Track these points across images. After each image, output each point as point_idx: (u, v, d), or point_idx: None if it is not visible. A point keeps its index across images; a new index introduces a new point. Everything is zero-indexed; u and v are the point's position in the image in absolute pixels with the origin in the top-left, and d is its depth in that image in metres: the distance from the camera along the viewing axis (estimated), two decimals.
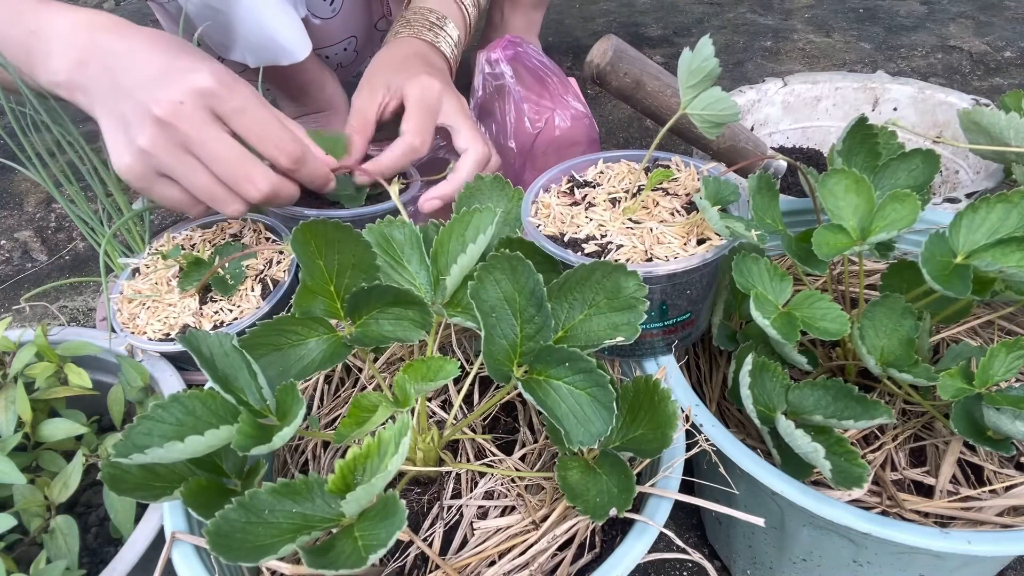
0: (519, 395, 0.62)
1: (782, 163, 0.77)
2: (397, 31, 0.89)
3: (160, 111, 0.56)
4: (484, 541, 0.50)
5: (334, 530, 0.40)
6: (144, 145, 0.57)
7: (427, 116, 0.76)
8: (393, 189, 0.61)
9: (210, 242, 0.77)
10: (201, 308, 0.70)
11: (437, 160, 0.84)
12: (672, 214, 0.57)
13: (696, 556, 0.46)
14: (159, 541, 0.53)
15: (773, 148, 0.99)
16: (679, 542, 0.47)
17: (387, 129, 0.79)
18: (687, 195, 0.59)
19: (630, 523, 0.46)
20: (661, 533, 0.45)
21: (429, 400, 0.63)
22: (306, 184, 0.67)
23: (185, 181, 0.59)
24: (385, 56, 0.84)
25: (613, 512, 0.43)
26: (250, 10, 0.86)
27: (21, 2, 0.63)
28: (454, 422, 0.57)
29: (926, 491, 0.56)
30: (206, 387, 0.43)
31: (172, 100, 0.56)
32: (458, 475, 0.55)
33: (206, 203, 0.62)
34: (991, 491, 0.55)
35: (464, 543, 0.51)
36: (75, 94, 0.62)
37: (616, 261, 0.50)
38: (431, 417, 0.62)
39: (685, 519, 0.75)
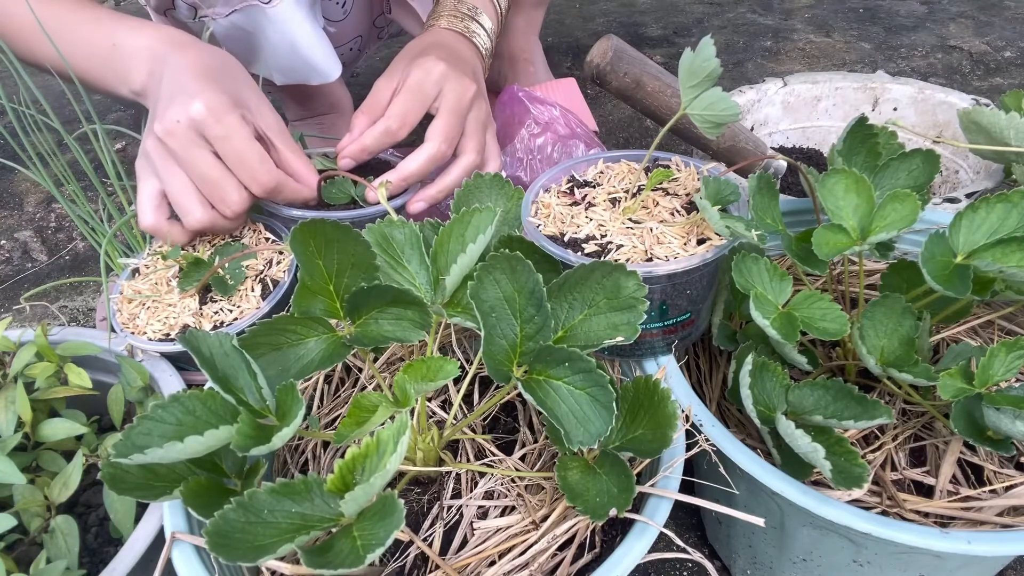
0: (519, 395, 0.62)
1: (782, 163, 0.77)
2: (429, 22, 0.88)
3: (159, 127, 0.64)
4: (484, 541, 0.50)
5: (333, 530, 0.40)
6: (147, 148, 0.67)
7: (415, 98, 0.74)
8: (381, 192, 0.61)
9: (210, 242, 0.77)
10: (201, 308, 0.70)
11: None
12: (672, 214, 0.57)
13: (696, 556, 0.46)
14: (159, 541, 0.52)
15: (773, 148, 0.99)
16: (679, 542, 0.47)
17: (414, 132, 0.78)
18: (687, 195, 0.59)
19: (630, 523, 0.46)
20: (661, 533, 0.45)
21: (429, 400, 0.63)
22: (284, 204, 0.72)
23: (168, 186, 0.67)
24: (417, 42, 0.83)
25: (613, 512, 0.43)
26: (283, 32, 0.87)
27: (102, 19, 0.72)
28: (454, 422, 0.57)
29: (926, 491, 0.56)
30: (206, 387, 0.43)
31: (171, 119, 0.64)
32: (458, 475, 0.55)
33: (188, 212, 0.68)
34: (991, 491, 0.55)
35: (464, 543, 0.51)
36: (147, 100, 0.71)
37: (616, 261, 0.50)
38: (431, 417, 0.62)
39: (685, 519, 0.75)
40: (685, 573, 0.70)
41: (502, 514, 0.52)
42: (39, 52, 0.74)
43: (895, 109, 1.07)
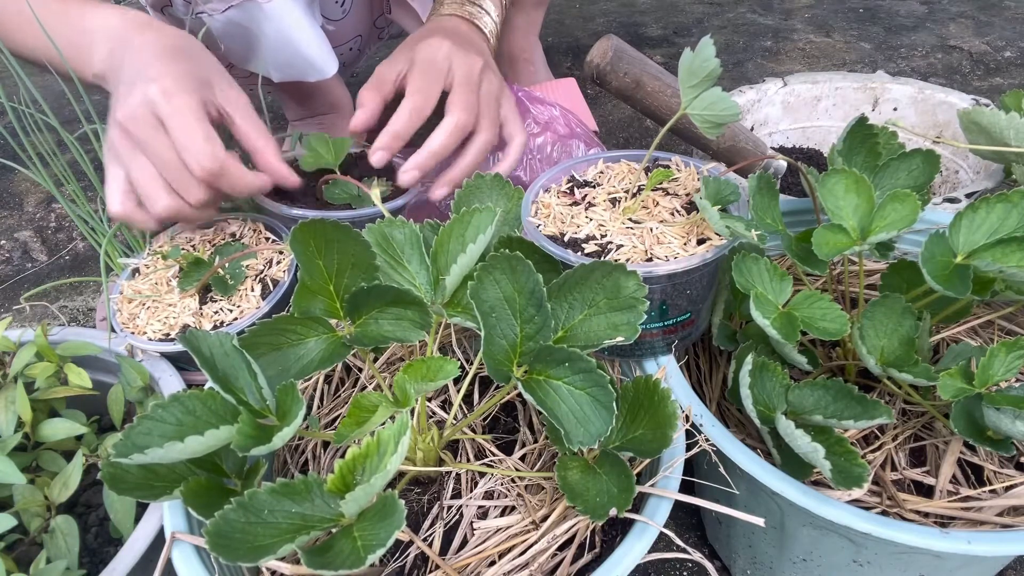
0: (519, 395, 0.62)
1: (782, 163, 0.77)
2: (435, 10, 0.88)
3: (121, 113, 0.63)
4: (484, 541, 0.50)
5: (333, 530, 0.40)
6: (111, 137, 0.66)
7: (430, 74, 0.74)
8: (375, 192, 0.62)
9: (210, 242, 0.77)
10: (201, 308, 0.70)
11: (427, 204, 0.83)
12: (672, 214, 0.57)
13: (696, 556, 0.46)
14: (159, 541, 0.52)
15: (773, 148, 0.99)
16: (679, 542, 0.47)
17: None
18: (687, 195, 0.59)
19: (630, 523, 0.46)
20: (661, 533, 0.45)
21: (429, 400, 0.63)
22: (230, 193, 0.69)
23: (131, 172, 0.65)
24: (419, 31, 0.83)
25: (613, 512, 0.43)
26: (279, 28, 0.87)
27: (73, 4, 0.71)
28: (454, 422, 0.57)
29: (926, 491, 0.56)
30: (206, 387, 0.43)
31: (132, 105, 0.63)
32: (458, 475, 0.55)
33: (153, 200, 0.66)
34: (991, 491, 0.55)
35: (464, 543, 0.51)
36: (107, 83, 0.69)
37: (616, 261, 0.50)
38: (431, 417, 0.62)
39: (685, 519, 0.75)
40: (685, 573, 0.70)
41: (502, 514, 0.52)
42: (16, 40, 0.73)
43: (895, 109, 1.07)
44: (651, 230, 0.55)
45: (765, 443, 0.54)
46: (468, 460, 0.57)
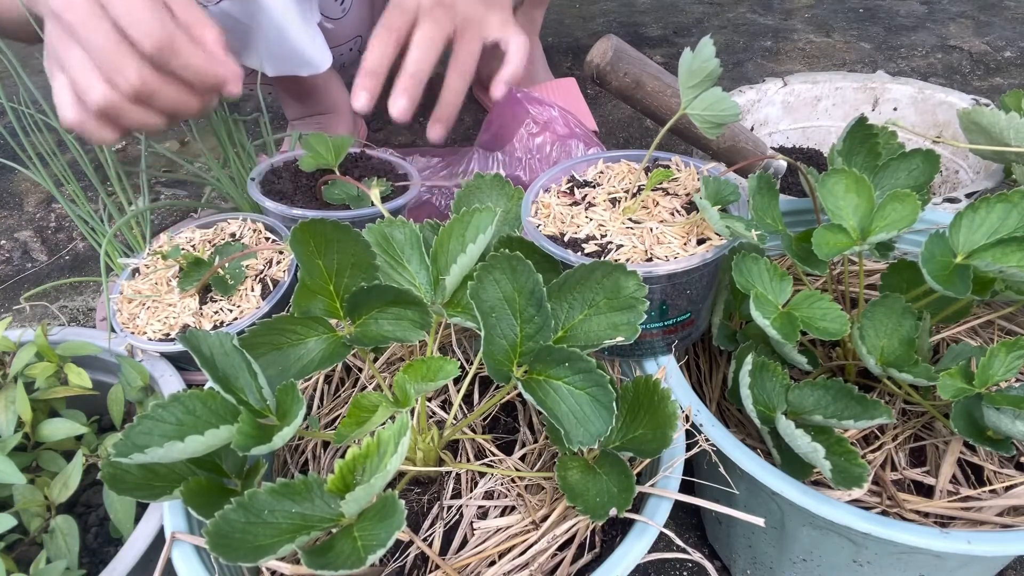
0: (519, 395, 0.62)
1: (782, 163, 0.77)
2: None
3: (56, 3, 0.58)
4: (484, 541, 0.50)
5: (334, 530, 0.40)
6: (48, 37, 0.61)
7: (396, 10, 0.71)
8: (374, 193, 0.62)
9: (210, 242, 0.77)
10: (201, 308, 0.70)
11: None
12: (672, 214, 0.57)
13: (696, 556, 0.46)
14: (159, 541, 0.53)
15: (773, 148, 0.99)
16: (679, 542, 0.47)
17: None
18: (687, 195, 0.59)
19: (630, 523, 0.46)
20: (661, 533, 0.45)
21: (429, 400, 0.63)
22: (190, 80, 0.63)
23: (67, 67, 0.60)
24: None
25: (613, 512, 0.43)
26: (274, 22, 0.87)
27: None
28: (454, 422, 0.57)
29: (926, 491, 0.56)
30: (206, 387, 0.43)
31: None
32: (458, 475, 0.55)
33: (86, 90, 0.61)
34: (991, 491, 0.55)
35: (464, 543, 0.51)
36: (36, 4, 0.64)
37: (616, 261, 0.50)
38: (431, 417, 0.62)
39: (685, 519, 0.75)
40: (685, 573, 0.70)
41: (502, 514, 0.52)
42: None
43: (895, 109, 1.07)
44: (651, 230, 0.55)
45: (765, 443, 0.54)
46: (468, 460, 0.57)
